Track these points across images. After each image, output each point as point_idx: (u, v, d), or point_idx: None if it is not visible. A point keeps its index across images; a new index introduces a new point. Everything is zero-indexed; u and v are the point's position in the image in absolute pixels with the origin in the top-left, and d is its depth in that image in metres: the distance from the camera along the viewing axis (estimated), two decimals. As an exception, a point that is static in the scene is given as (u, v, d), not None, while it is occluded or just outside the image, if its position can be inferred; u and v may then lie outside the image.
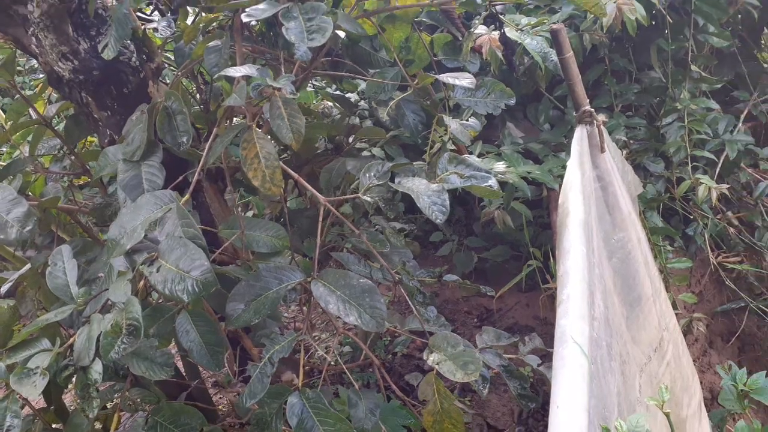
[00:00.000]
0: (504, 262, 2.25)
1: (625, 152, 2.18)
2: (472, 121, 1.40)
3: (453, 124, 1.31)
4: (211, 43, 1.17)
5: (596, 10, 1.32)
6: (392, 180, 1.15)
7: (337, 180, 1.58)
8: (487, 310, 2.25)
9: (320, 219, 1.14)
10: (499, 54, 1.62)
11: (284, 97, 0.96)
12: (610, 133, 2.15)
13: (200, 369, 1.80)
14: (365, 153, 2.13)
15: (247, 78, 1.02)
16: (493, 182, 1.11)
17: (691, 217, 2.30)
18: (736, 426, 1.63)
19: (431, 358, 1.07)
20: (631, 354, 1.45)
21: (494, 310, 2.20)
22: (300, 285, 1.11)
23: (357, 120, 2.22)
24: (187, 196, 1.06)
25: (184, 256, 0.94)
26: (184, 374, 1.73)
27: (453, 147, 1.94)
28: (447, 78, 1.24)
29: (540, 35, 1.54)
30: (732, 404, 1.75)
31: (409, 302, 1.27)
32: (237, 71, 0.97)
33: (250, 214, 2.45)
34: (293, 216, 1.70)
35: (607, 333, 1.24)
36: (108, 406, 1.17)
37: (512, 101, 1.53)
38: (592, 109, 1.44)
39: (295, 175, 1.13)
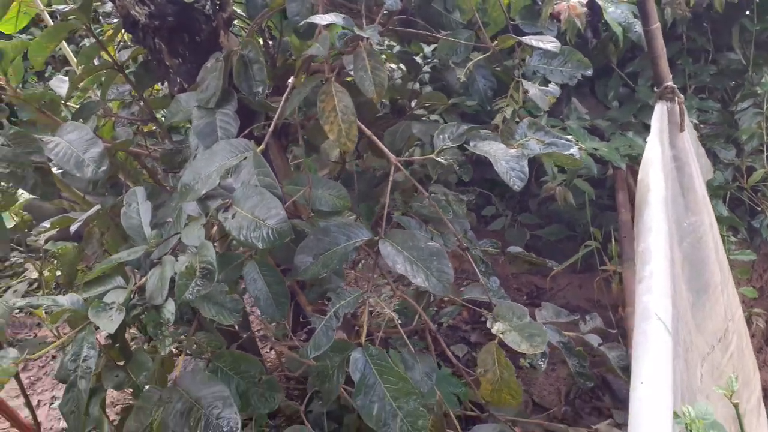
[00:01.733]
0: (558, 241, 2.20)
1: (695, 135, 2.09)
2: (552, 86, 1.34)
3: (532, 88, 1.26)
4: (292, -8, 1.15)
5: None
6: (467, 143, 1.12)
7: (401, 143, 1.56)
8: (538, 289, 2.21)
9: (390, 178, 1.12)
10: (578, 22, 1.54)
11: (369, 48, 0.93)
12: (681, 115, 2.06)
13: (250, 322, 1.83)
14: (423, 119, 2.09)
15: (327, 29, 1.00)
16: (575, 151, 1.06)
17: (759, 208, 2.20)
18: (796, 425, 1.57)
19: (496, 327, 1.06)
20: (695, 342, 1.41)
21: (546, 289, 2.16)
22: (367, 243, 1.10)
23: (417, 85, 2.18)
24: (262, 145, 1.06)
25: (260, 204, 0.93)
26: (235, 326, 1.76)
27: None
28: (531, 40, 1.19)
29: (625, 2, 1.46)
30: (789, 403, 1.69)
31: (476, 270, 1.24)
32: (323, 19, 0.95)
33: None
34: (351, 178, 1.68)
35: (675, 317, 1.20)
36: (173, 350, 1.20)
37: (589, 72, 1.46)
38: (675, 86, 1.37)
39: (368, 132, 1.11)
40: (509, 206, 2.43)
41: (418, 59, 2.16)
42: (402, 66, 1.96)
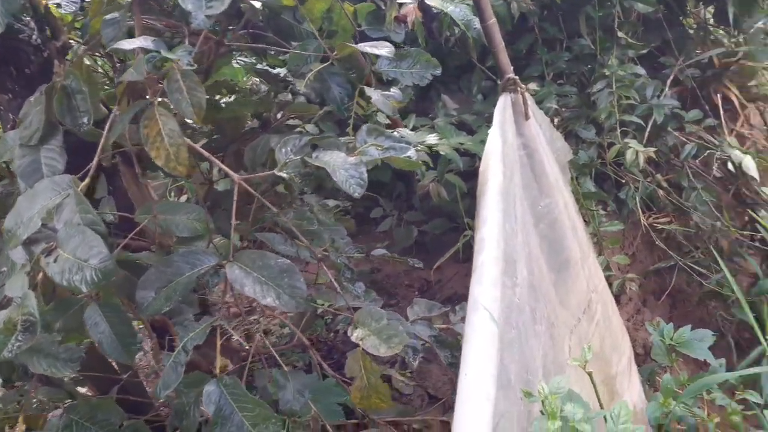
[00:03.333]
0: (442, 234, 2.26)
1: (557, 120, 2.21)
2: (394, 90, 1.37)
3: (375, 95, 1.28)
4: (109, 16, 1.10)
5: (514, -25, 1.31)
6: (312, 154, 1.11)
7: (263, 157, 1.53)
8: (427, 282, 2.26)
9: (234, 198, 1.10)
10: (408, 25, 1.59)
11: (182, 69, 0.90)
12: (541, 102, 2.17)
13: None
14: (298, 130, 2.08)
15: (147, 51, 0.96)
16: (412, 153, 1.09)
17: (623, 181, 2.36)
18: (663, 378, 1.70)
19: (355, 334, 1.06)
20: (560, 317, 1.48)
21: (433, 282, 2.22)
22: (216, 268, 1.07)
23: (289, 96, 2.16)
24: (87, 180, 1.00)
25: (81, 244, 0.88)
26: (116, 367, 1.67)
27: (388, 121, 1.93)
28: (366, 47, 1.21)
29: (464, 2, 1.52)
30: (661, 358, 1.83)
31: (336, 279, 1.25)
32: (130, 44, 0.91)
33: (184, 198, 2.37)
34: (220, 197, 1.64)
35: (532, 298, 1.26)
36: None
37: (438, 71, 1.50)
38: (516, 77, 1.43)
39: (205, 153, 1.08)
40: (396, 206, 2.46)
41: (285, 70, 2.14)
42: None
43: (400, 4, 1.61)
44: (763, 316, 2.27)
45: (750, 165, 2.24)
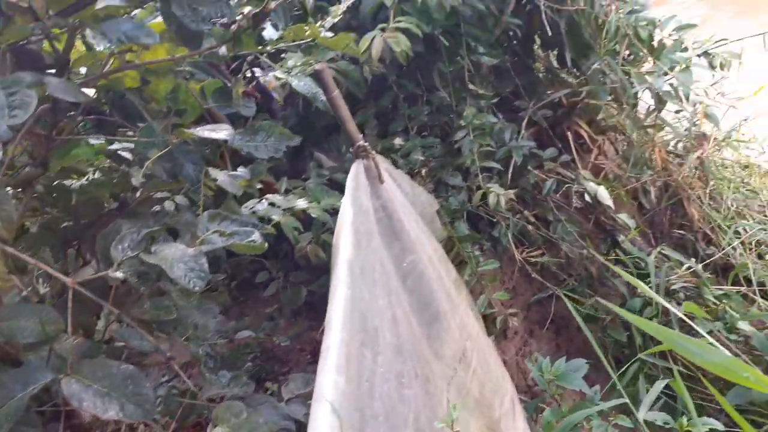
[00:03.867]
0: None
1: (424, 170, 2.30)
2: (241, 170, 1.37)
3: (220, 176, 1.27)
4: None
5: (350, 50, 1.36)
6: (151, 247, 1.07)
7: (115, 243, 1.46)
8: (319, 344, 2.23)
9: (69, 304, 1.03)
10: (276, 95, 1.61)
11: (-15, 184, 0.85)
12: (408, 155, 2.26)
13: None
14: (168, 203, 2.01)
15: None
16: (256, 236, 1.08)
17: (495, 220, 2.49)
18: (544, 414, 1.77)
19: (213, 433, 1.02)
20: (436, 370, 1.51)
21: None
22: (53, 383, 0.99)
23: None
24: None
25: None
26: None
27: (259, 186, 1.91)
28: (204, 132, 1.20)
29: (309, 75, 1.56)
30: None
31: (202, 368, 1.20)
32: None
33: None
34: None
35: (399, 361, 1.28)
36: None
37: (295, 142, 1.53)
38: (366, 144, 1.48)
39: (29, 260, 1.01)
40: (283, 267, 2.43)
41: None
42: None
43: (253, 78, 1.63)
44: (634, 333, 2.46)
45: (604, 195, 2.44)
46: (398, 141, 2.21)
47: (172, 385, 1.67)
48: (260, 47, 1.28)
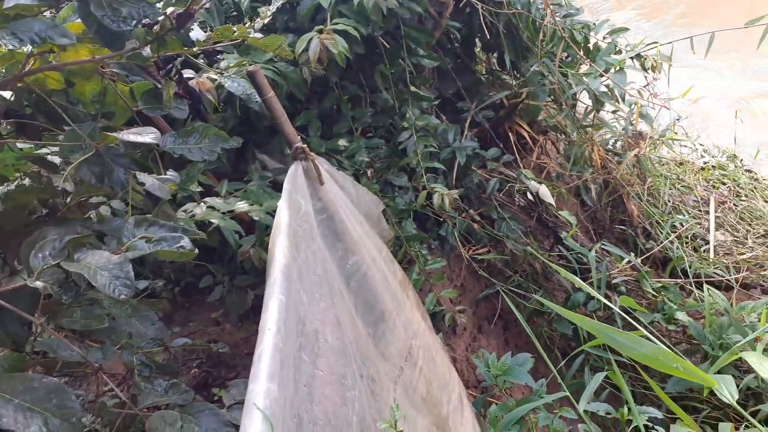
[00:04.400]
0: (275, 297, 2.22)
1: (370, 171, 2.30)
2: (170, 173, 1.33)
3: (148, 180, 1.23)
4: None
5: (282, 51, 1.35)
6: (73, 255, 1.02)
7: (38, 251, 1.39)
8: (266, 350, 2.19)
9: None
10: (210, 96, 1.57)
11: None
12: (353, 156, 2.25)
13: None
14: (104, 208, 1.93)
15: None
16: (185, 243, 1.05)
17: (442, 219, 2.51)
18: (490, 411, 1.79)
19: (143, 445, 0.98)
20: (382, 370, 1.51)
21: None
22: (-34, 402, 0.92)
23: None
24: None
25: None
26: None
27: (200, 189, 1.86)
28: (129, 136, 1.16)
29: (242, 77, 1.53)
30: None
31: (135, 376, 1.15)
32: None
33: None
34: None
35: (341, 363, 1.26)
36: None
37: (234, 144, 1.49)
38: (304, 146, 1.47)
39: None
40: (229, 271, 2.38)
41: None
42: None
43: (182, 80, 1.58)
44: (579, 327, 2.52)
45: (546, 192, 2.50)
46: (342, 142, 2.20)
47: (114, 395, 1.60)
48: (186, 48, 1.24)
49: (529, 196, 2.55)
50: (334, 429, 1.10)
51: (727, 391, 1.06)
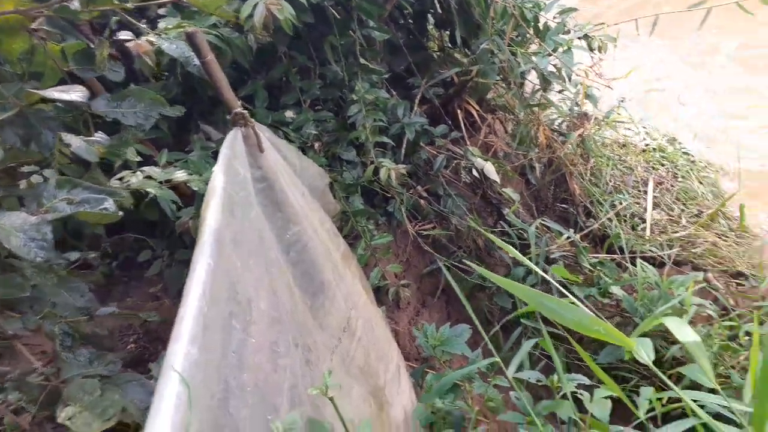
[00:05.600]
0: (218, 269, 2.19)
1: (318, 144, 2.28)
2: (99, 135, 1.28)
3: (75, 141, 1.18)
4: None
5: (223, 13, 1.31)
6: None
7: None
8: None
9: None
10: (148, 60, 1.52)
11: None
12: (300, 128, 2.22)
13: None
14: (35, 176, 1.85)
15: None
16: (109, 204, 1.02)
17: (389, 195, 2.53)
18: (427, 378, 1.83)
19: (63, 414, 0.96)
20: (319, 341, 1.52)
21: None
22: None
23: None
24: None
25: None
26: None
27: (138, 158, 1.81)
28: (54, 93, 1.11)
29: (181, 39, 1.48)
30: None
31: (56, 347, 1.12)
32: None
33: None
34: None
35: (275, 331, 1.26)
36: None
37: (172, 113, 1.46)
38: (244, 111, 1.44)
39: None
40: (169, 245, 2.33)
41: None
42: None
43: (117, 41, 1.53)
44: (517, 301, 2.60)
45: (490, 170, 2.55)
46: (290, 114, 2.17)
47: (38, 369, 1.56)
48: (118, 2, 1.19)
49: (475, 174, 2.59)
50: (263, 395, 1.11)
51: (644, 352, 1.12)
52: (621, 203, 3.16)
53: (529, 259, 2.41)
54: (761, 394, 0.98)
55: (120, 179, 1.66)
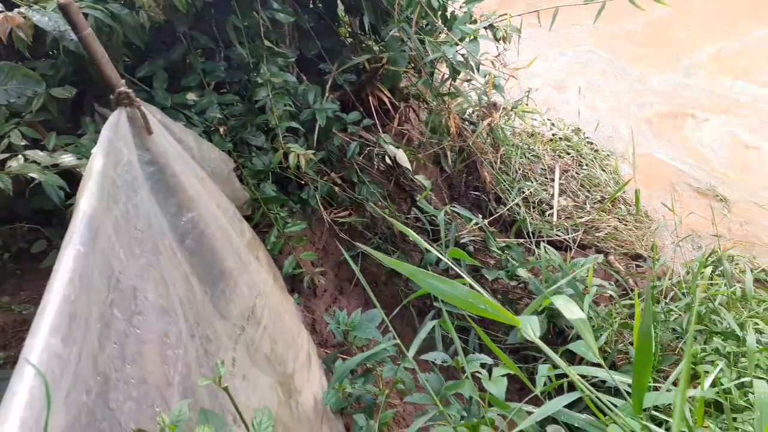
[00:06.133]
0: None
1: (223, 128, 2.20)
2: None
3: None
4: None
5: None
6: None
7: None
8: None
9: None
10: (22, 34, 1.40)
11: None
12: (203, 112, 2.13)
13: None
14: None
15: None
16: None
17: (303, 182, 2.48)
18: (336, 365, 1.82)
19: None
20: (220, 330, 1.47)
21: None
22: None
23: None
24: None
25: None
26: None
27: (25, 142, 1.66)
28: None
29: (56, 11, 1.37)
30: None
31: None
32: None
33: None
34: None
35: (165, 321, 1.20)
36: None
37: (42, 88, 1.34)
38: (129, 90, 1.35)
39: None
40: (64, 236, 2.17)
41: None
42: None
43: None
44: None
45: (402, 157, 2.56)
46: (192, 96, 2.07)
47: None
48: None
49: (388, 161, 2.59)
50: (150, 388, 1.05)
51: (531, 329, 1.16)
52: (529, 190, 3.28)
53: (441, 245, 2.45)
54: (638, 365, 1.04)
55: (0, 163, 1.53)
